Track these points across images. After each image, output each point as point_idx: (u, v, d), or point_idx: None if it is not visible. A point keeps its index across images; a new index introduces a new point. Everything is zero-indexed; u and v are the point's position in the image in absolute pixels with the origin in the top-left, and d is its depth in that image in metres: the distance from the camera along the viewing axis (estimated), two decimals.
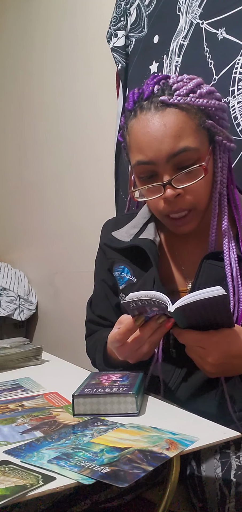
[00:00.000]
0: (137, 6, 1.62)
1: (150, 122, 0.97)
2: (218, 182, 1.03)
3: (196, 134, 0.97)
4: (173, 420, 0.82)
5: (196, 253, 1.04)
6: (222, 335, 0.86)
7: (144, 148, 0.98)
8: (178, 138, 0.95)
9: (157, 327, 0.90)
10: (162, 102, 0.97)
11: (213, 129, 1.00)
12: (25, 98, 2.62)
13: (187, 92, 0.97)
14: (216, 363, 0.86)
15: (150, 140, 0.96)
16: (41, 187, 2.52)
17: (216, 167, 1.03)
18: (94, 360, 1.13)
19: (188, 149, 0.96)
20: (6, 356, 1.20)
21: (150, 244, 1.07)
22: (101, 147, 1.99)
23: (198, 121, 0.97)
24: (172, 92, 0.97)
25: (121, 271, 1.12)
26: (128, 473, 0.61)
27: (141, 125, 0.98)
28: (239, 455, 0.88)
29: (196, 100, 0.97)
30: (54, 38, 2.34)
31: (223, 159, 1.03)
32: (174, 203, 0.99)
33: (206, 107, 0.98)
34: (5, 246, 2.89)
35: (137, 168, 1.01)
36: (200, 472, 0.90)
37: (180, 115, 0.96)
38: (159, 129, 0.96)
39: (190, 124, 0.96)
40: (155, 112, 0.97)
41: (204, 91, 0.98)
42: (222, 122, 1.02)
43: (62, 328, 2.39)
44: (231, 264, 1.00)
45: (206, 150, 0.99)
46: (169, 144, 0.95)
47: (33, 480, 0.60)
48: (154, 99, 0.98)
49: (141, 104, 0.99)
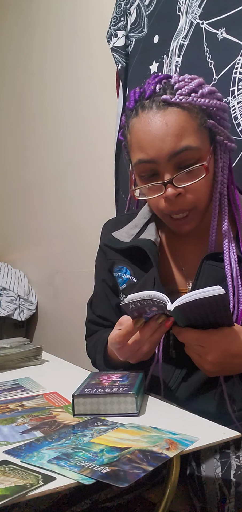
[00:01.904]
0: (137, 6, 1.62)
1: (152, 121, 0.97)
2: (218, 182, 1.03)
3: (197, 133, 0.97)
4: (173, 420, 0.82)
5: (197, 254, 1.04)
6: (221, 334, 0.86)
7: (145, 147, 0.97)
8: (179, 137, 0.95)
9: (157, 327, 0.90)
10: (164, 101, 0.97)
11: (214, 129, 1.00)
12: (25, 98, 2.62)
13: (189, 91, 0.97)
14: (215, 361, 0.86)
15: (152, 138, 0.96)
16: (41, 187, 2.52)
17: (217, 167, 1.03)
18: (94, 360, 1.13)
19: (189, 148, 0.96)
20: (6, 356, 1.21)
21: (150, 245, 1.06)
22: (101, 147, 1.98)
23: (199, 120, 0.97)
24: (174, 91, 0.97)
25: (121, 271, 1.12)
26: (128, 473, 0.61)
27: (143, 124, 0.98)
28: (238, 455, 0.88)
29: (197, 99, 0.97)
30: (54, 38, 2.34)
31: (223, 159, 1.03)
32: (174, 203, 0.98)
33: (207, 107, 0.98)
34: (5, 246, 2.88)
35: (138, 167, 1.01)
36: (200, 472, 0.90)
37: (182, 114, 0.96)
38: (160, 128, 0.96)
39: (192, 124, 0.96)
40: (157, 111, 0.97)
41: (205, 91, 0.98)
42: (223, 122, 1.02)
43: (62, 328, 2.38)
44: (231, 265, 1.00)
45: (207, 150, 0.99)
46: (170, 143, 0.95)
47: (33, 480, 0.60)
48: (155, 98, 0.98)
49: (142, 103, 0.99)
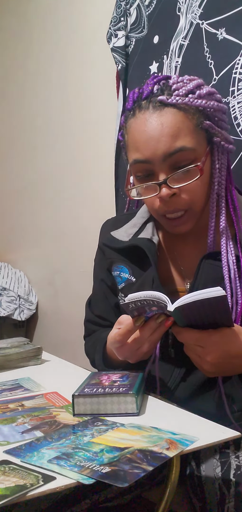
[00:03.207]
0: (137, 6, 1.62)
1: (147, 121, 0.97)
2: (215, 183, 1.03)
3: (193, 134, 0.97)
4: (173, 420, 0.82)
5: (195, 253, 1.04)
6: (221, 334, 0.86)
7: (141, 147, 0.98)
8: (174, 138, 0.95)
9: (157, 327, 0.90)
10: (160, 102, 0.97)
11: (211, 130, 1.00)
12: (25, 98, 2.62)
13: (186, 92, 0.97)
14: (215, 362, 0.86)
15: (147, 138, 0.97)
16: (41, 187, 2.52)
17: (214, 168, 1.03)
18: (93, 360, 1.13)
19: (184, 149, 0.96)
20: (6, 356, 1.21)
21: (148, 244, 1.07)
22: (101, 147, 1.98)
23: (196, 121, 0.97)
24: (171, 92, 0.97)
25: (120, 270, 1.12)
26: (128, 473, 0.61)
27: (139, 124, 0.98)
28: (238, 455, 0.88)
29: (194, 100, 0.97)
30: (54, 38, 2.34)
31: (221, 160, 1.03)
32: (169, 203, 0.98)
33: (204, 108, 0.98)
34: (5, 246, 2.88)
35: (134, 167, 1.01)
36: (199, 472, 0.90)
37: (178, 115, 0.96)
38: (156, 128, 0.96)
39: (188, 124, 0.96)
40: (153, 111, 0.97)
41: (203, 92, 0.98)
42: (221, 123, 1.02)
43: (62, 328, 2.38)
44: (228, 266, 1.00)
45: (203, 151, 0.99)
46: (165, 144, 0.95)
47: (33, 480, 0.60)
48: (152, 99, 0.98)
49: (139, 103, 1.00)
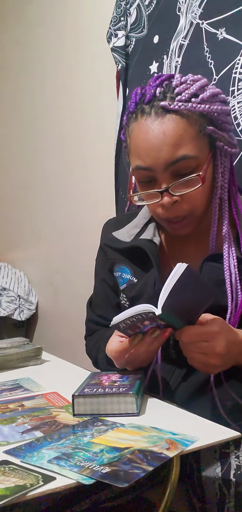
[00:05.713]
0: (137, 6, 1.62)
1: (149, 129, 0.97)
2: (218, 188, 1.03)
3: (195, 141, 0.96)
4: (173, 420, 0.82)
5: (197, 255, 1.04)
6: (219, 323, 0.88)
7: (143, 155, 0.98)
8: (176, 147, 0.95)
9: (153, 340, 0.91)
10: (162, 108, 0.96)
11: (214, 135, 0.99)
12: (26, 98, 2.62)
13: (189, 97, 0.96)
14: (223, 352, 0.87)
15: (149, 147, 0.97)
16: (41, 187, 2.52)
17: (217, 173, 1.02)
18: (96, 359, 1.13)
19: (186, 158, 0.96)
20: (6, 356, 1.21)
21: (150, 245, 1.07)
22: (101, 147, 1.98)
23: (198, 127, 0.97)
24: (174, 96, 0.97)
25: (122, 271, 1.12)
26: (128, 473, 0.61)
27: (141, 130, 0.98)
28: (238, 455, 0.88)
29: (197, 106, 0.96)
30: (54, 38, 2.34)
31: (224, 164, 1.03)
32: (171, 210, 0.99)
33: (208, 113, 0.98)
34: (5, 246, 2.88)
35: (136, 173, 1.02)
36: (199, 472, 0.90)
37: (180, 122, 0.96)
38: (157, 137, 0.96)
39: (190, 132, 0.96)
40: (155, 118, 0.97)
41: (206, 95, 0.98)
42: (224, 126, 1.02)
43: (62, 328, 2.38)
44: (230, 270, 1.00)
45: (206, 157, 0.99)
46: (167, 153, 0.95)
47: (33, 480, 0.60)
48: (155, 103, 0.97)
49: (142, 107, 0.99)
